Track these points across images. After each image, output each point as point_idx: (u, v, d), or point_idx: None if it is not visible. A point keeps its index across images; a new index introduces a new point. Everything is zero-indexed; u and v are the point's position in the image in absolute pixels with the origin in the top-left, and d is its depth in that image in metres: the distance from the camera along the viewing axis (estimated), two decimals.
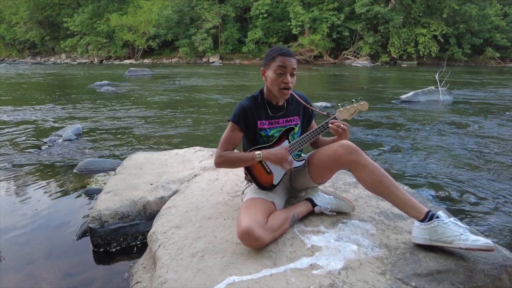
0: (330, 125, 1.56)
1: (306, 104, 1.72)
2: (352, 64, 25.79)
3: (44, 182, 3.22)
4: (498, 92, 10.28)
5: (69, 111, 7.08)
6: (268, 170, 1.67)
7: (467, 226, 1.35)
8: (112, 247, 2.07)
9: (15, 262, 1.99)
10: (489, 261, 1.33)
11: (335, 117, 1.59)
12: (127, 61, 30.16)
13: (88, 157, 3.83)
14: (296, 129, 1.72)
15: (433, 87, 8.53)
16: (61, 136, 4.83)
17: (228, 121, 1.66)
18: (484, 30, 26.90)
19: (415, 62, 26.68)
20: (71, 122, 5.84)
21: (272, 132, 1.67)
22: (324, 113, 1.64)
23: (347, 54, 28.06)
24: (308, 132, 1.62)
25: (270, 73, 1.58)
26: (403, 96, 8.28)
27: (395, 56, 26.77)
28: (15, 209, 2.67)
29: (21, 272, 1.90)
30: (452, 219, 1.34)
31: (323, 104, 7.28)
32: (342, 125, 1.54)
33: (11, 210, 2.65)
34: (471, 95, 9.56)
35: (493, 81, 14.09)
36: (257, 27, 28.83)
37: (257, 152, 1.58)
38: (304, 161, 1.69)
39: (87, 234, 2.15)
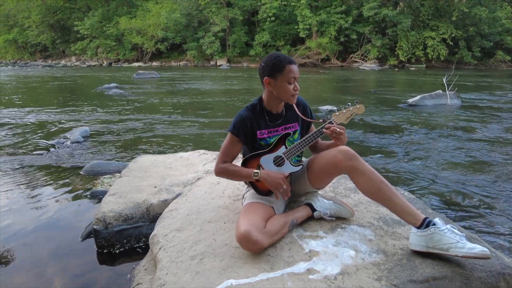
0: (325, 130, 1.57)
1: (302, 115, 1.72)
2: (360, 67, 25.67)
3: (51, 184, 3.29)
4: (508, 96, 10.14)
5: (77, 113, 7.20)
6: None
7: (464, 234, 1.35)
8: (115, 248, 2.11)
9: (22, 261, 2.05)
10: (487, 268, 1.33)
11: (330, 121, 1.60)
12: (135, 64, 30.48)
13: (95, 159, 3.89)
14: (296, 135, 1.73)
15: (440, 91, 8.46)
16: (69, 138, 4.92)
17: (227, 131, 1.68)
18: (495, 33, 26.54)
19: (424, 65, 26.43)
20: (79, 125, 5.94)
21: (272, 140, 1.68)
22: (320, 120, 1.66)
23: (355, 57, 27.93)
24: (304, 137, 1.63)
25: (280, 83, 1.59)
26: (410, 100, 8.22)
27: (403, 59, 26.56)
28: (23, 210, 2.74)
29: (28, 272, 1.95)
30: (448, 226, 1.35)
31: (329, 107, 7.27)
32: (337, 129, 1.55)
33: (19, 211, 2.72)
34: (480, 99, 9.45)
35: (503, 84, 13.90)
36: (264, 30, 28.90)
37: (255, 171, 1.60)
38: (302, 166, 1.71)
39: (91, 235, 2.19)
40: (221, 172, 1.66)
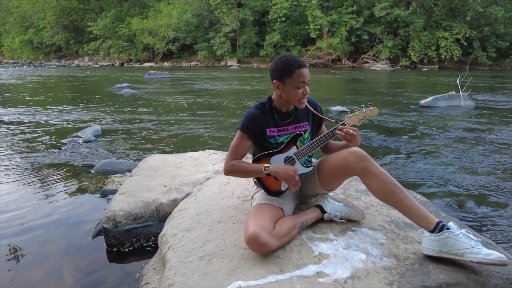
0: (338, 131, 1.55)
1: (314, 111, 1.71)
2: (371, 68, 25.41)
3: (63, 182, 3.33)
4: None
5: (89, 112, 7.30)
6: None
7: (479, 239, 1.31)
8: (125, 247, 2.12)
9: (33, 258, 2.07)
10: (503, 276, 1.29)
11: (343, 122, 1.58)
12: (147, 64, 30.78)
13: (105, 158, 3.93)
14: (306, 135, 1.72)
15: (454, 92, 8.30)
16: (80, 137, 4.99)
17: (237, 129, 1.67)
18: (511, 33, 25.93)
19: (437, 66, 25.98)
20: (91, 124, 6.02)
21: (281, 139, 1.67)
22: (333, 120, 1.64)
23: (366, 58, 27.65)
24: (316, 138, 1.61)
25: (289, 88, 1.56)
26: (423, 101, 8.09)
27: (415, 60, 26.16)
28: (34, 207, 2.78)
29: (39, 268, 1.98)
30: (463, 230, 1.31)
31: (340, 108, 7.21)
32: (351, 131, 1.53)
33: (30, 208, 2.76)
34: (495, 100, 9.23)
35: None
36: (275, 31, 28.85)
37: (266, 165, 1.57)
38: (313, 167, 1.69)
39: (101, 233, 2.21)
40: (230, 169, 1.64)
